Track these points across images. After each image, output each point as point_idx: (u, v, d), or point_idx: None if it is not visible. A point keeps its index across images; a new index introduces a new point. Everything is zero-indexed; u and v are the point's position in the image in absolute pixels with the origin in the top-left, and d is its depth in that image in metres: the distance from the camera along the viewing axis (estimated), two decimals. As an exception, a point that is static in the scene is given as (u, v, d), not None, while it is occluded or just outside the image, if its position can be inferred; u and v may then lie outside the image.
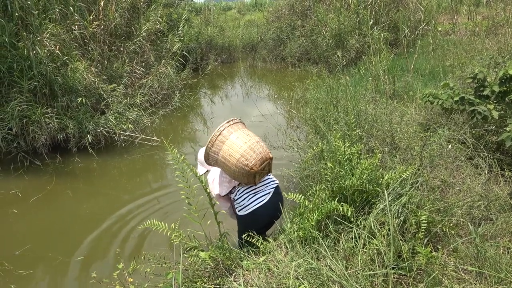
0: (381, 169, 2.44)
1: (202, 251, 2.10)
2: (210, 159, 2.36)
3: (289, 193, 2.33)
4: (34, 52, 4.69)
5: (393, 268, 1.73)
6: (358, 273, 1.69)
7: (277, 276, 1.80)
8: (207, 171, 2.66)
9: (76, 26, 5.55)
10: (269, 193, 2.42)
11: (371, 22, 7.91)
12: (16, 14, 4.70)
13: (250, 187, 2.43)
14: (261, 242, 2.10)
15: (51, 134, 4.80)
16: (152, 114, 6.01)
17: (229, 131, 2.31)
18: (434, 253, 1.82)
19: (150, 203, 3.82)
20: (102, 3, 5.96)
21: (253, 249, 2.13)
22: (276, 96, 8.11)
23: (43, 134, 4.69)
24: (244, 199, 2.41)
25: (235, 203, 2.49)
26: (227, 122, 2.35)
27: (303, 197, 2.26)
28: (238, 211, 2.44)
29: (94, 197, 4.04)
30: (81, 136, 4.96)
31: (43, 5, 5.12)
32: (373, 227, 1.89)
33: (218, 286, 1.95)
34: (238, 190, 2.45)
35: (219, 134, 2.30)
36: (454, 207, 2.17)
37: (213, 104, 7.94)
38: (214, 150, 2.30)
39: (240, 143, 2.27)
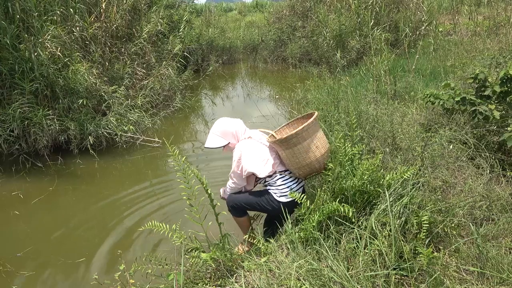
0: (382, 170, 2.43)
1: (204, 252, 2.10)
2: (291, 141, 2.27)
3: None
4: (36, 54, 4.70)
5: (394, 269, 1.73)
6: (360, 274, 1.69)
7: (279, 277, 1.80)
8: (228, 144, 2.58)
9: (77, 28, 5.57)
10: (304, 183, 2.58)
11: (371, 23, 7.93)
12: (17, 16, 4.71)
13: (293, 175, 2.48)
14: (262, 243, 2.10)
15: (52, 136, 4.82)
16: (153, 116, 6.02)
17: (317, 125, 2.38)
18: (435, 253, 1.81)
19: (152, 204, 3.82)
20: (103, 5, 5.98)
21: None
22: (277, 97, 8.12)
23: (44, 136, 4.70)
24: (288, 186, 2.42)
25: (274, 188, 2.43)
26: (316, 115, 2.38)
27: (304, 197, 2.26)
28: (279, 196, 2.40)
29: (95, 198, 4.04)
30: (82, 137, 4.97)
31: (44, 7, 5.14)
32: (374, 228, 1.88)
33: (219, 287, 1.95)
34: (283, 176, 2.44)
35: (314, 123, 2.30)
36: (455, 207, 2.16)
37: (214, 105, 7.94)
38: (303, 136, 2.26)
39: (325, 142, 2.38)
